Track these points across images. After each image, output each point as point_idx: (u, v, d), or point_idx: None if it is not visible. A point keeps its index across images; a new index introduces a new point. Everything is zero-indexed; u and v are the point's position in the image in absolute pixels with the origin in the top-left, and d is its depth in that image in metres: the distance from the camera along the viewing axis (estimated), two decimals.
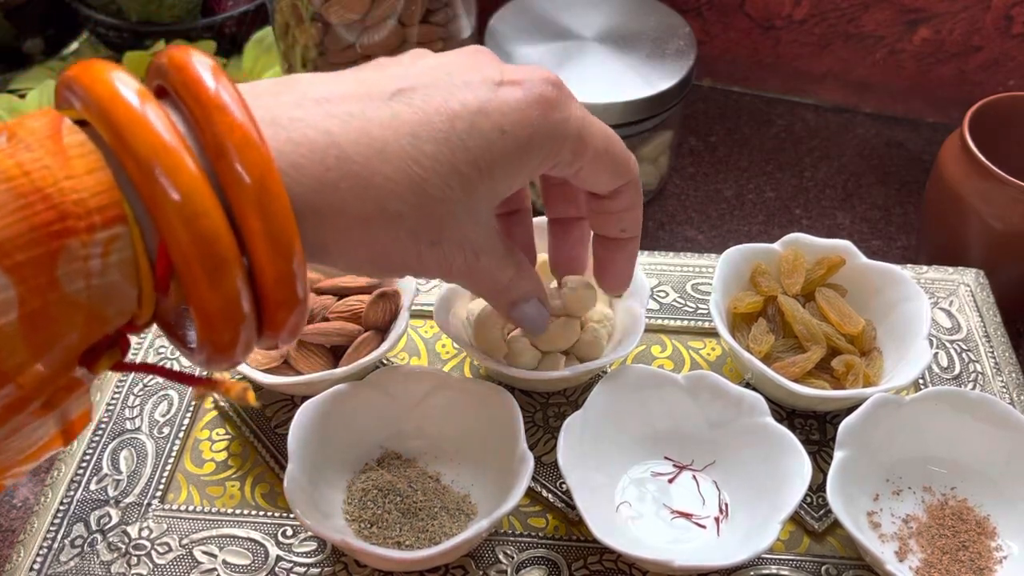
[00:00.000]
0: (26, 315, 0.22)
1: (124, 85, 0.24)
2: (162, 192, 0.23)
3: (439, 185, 0.30)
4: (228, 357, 0.26)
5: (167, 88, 0.26)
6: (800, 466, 0.38)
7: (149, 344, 0.48)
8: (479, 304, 0.45)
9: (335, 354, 0.44)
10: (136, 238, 0.24)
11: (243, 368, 0.42)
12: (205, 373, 0.46)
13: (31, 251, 0.22)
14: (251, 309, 0.25)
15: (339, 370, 0.42)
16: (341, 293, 0.46)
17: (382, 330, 0.45)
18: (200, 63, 0.25)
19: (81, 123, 0.25)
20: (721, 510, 0.41)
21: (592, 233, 0.40)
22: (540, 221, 0.48)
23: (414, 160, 0.29)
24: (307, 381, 0.42)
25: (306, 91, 0.29)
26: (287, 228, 0.25)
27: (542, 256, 0.47)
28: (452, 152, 0.30)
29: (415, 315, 0.49)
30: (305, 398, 0.41)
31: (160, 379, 0.46)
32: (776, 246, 0.47)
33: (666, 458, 0.42)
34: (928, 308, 0.44)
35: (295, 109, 0.28)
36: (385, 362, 0.47)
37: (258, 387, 0.46)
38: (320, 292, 0.46)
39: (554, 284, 0.45)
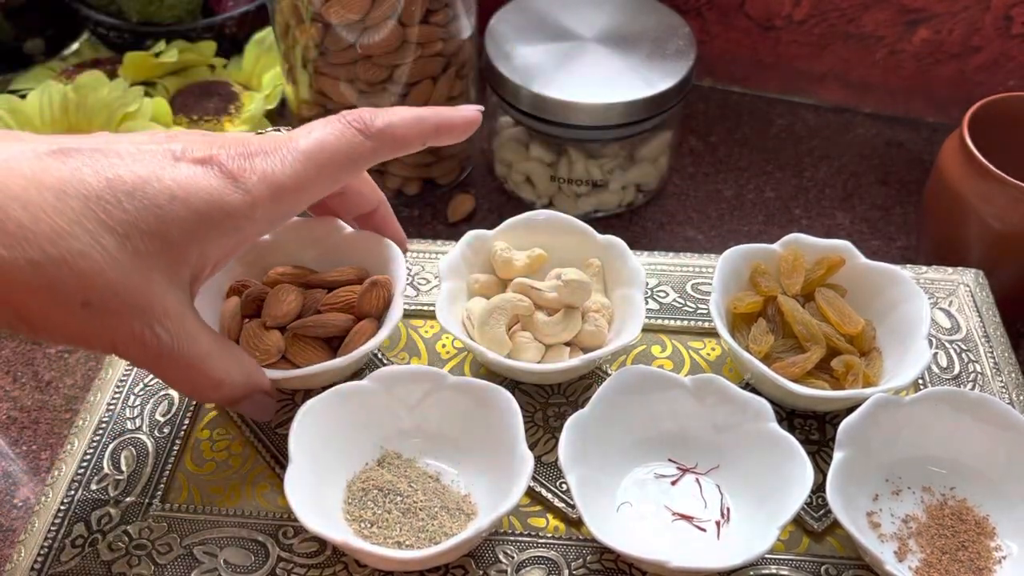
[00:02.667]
0: None
1: None
2: None
3: (86, 240, 0.28)
4: None
5: None
6: (802, 472, 0.38)
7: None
8: (477, 303, 0.45)
9: (331, 346, 0.45)
10: None
11: None
12: None
13: None
14: None
15: (338, 360, 0.42)
16: (330, 286, 0.46)
17: (376, 318, 0.45)
18: None
19: None
20: (723, 514, 0.41)
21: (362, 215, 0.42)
22: (561, 217, 0.48)
23: (57, 212, 0.27)
24: (309, 373, 0.42)
25: None
26: None
27: (537, 251, 0.47)
28: (104, 210, 0.28)
29: (415, 315, 0.49)
30: (306, 394, 0.41)
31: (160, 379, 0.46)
32: (776, 246, 0.47)
33: (670, 460, 0.42)
34: (928, 308, 0.44)
35: None
36: (381, 357, 0.47)
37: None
38: (309, 286, 0.46)
39: (555, 271, 0.45)
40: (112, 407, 0.45)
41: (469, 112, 0.40)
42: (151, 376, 0.46)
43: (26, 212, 0.27)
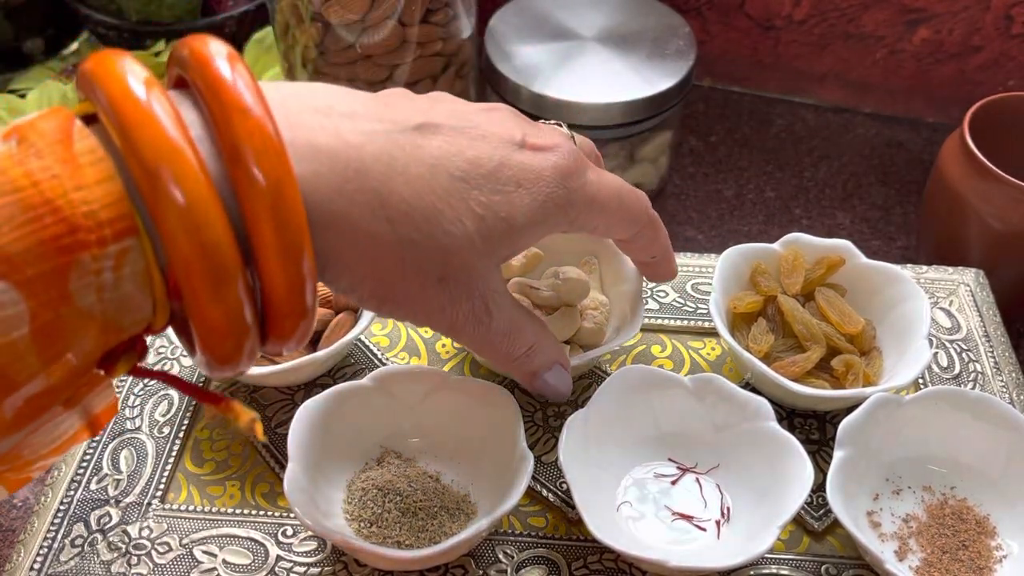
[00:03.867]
0: (38, 329, 0.22)
1: (135, 80, 0.23)
2: (165, 198, 0.23)
3: (452, 219, 0.29)
4: (230, 366, 0.25)
5: (187, 80, 0.25)
6: (802, 471, 0.38)
7: (149, 344, 0.48)
8: None
9: (311, 340, 0.45)
10: (147, 250, 0.23)
11: None
12: (216, 386, 0.46)
13: (41, 265, 0.22)
14: (254, 320, 0.25)
15: (321, 352, 0.42)
16: None
17: (354, 310, 0.45)
18: (220, 57, 0.24)
19: (94, 116, 0.24)
20: (723, 513, 0.40)
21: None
22: None
23: (431, 190, 0.29)
24: (292, 367, 0.42)
25: (332, 102, 0.28)
26: (300, 239, 0.24)
27: (532, 250, 0.47)
28: (468, 191, 0.29)
29: None
30: (306, 394, 0.41)
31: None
32: (776, 246, 0.47)
33: (670, 460, 0.42)
34: (928, 308, 0.44)
35: (320, 116, 0.27)
36: (381, 357, 0.47)
37: (250, 386, 0.46)
38: None
39: (551, 269, 0.45)
40: None
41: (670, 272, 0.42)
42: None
43: (408, 188, 0.28)
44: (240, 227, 0.24)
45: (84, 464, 0.43)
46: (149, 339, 0.48)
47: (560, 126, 0.38)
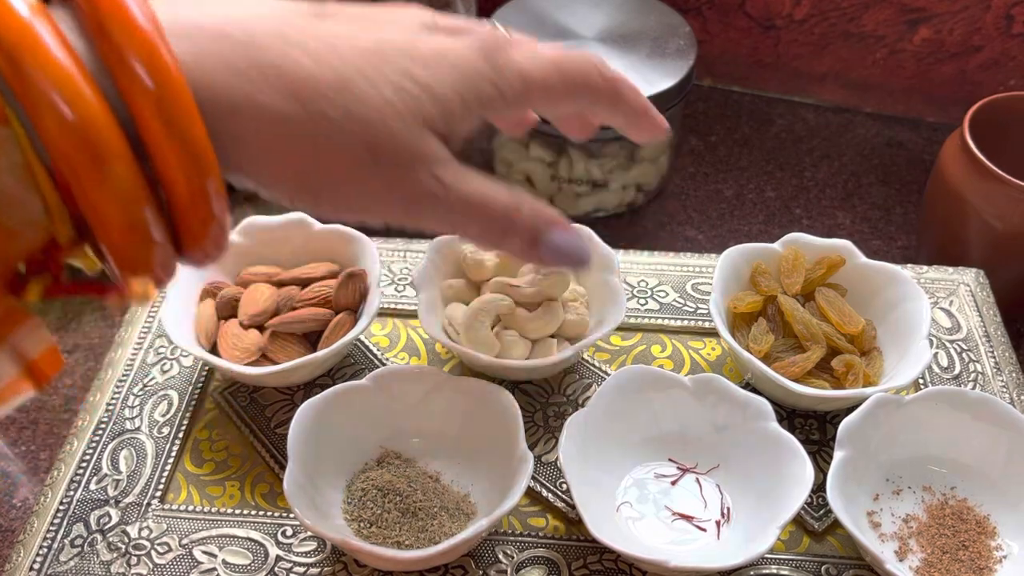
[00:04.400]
0: None
1: None
2: (28, 78, 0.21)
3: (366, 88, 0.26)
4: (145, 275, 0.23)
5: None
6: (802, 472, 0.38)
7: (149, 344, 0.48)
8: (457, 309, 0.45)
9: (310, 340, 0.45)
10: (22, 140, 0.21)
11: (225, 363, 0.42)
12: (216, 387, 0.46)
13: None
14: (157, 223, 0.23)
15: (320, 353, 0.42)
16: (304, 282, 0.46)
17: (354, 310, 0.45)
18: None
19: None
20: (723, 514, 0.40)
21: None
22: None
23: (338, 60, 0.26)
24: (291, 367, 0.42)
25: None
26: (194, 126, 0.22)
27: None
28: (382, 60, 0.26)
29: (415, 315, 0.49)
30: (306, 394, 0.41)
31: (159, 377, 0.46)
32: (776, 246, 0.47)
33: (670, 460, 0.42)
34: (928, 308, 0.44)
35: (205, 5, 0.25)
36: (381, 357, 0.47)
37: (249, 386, 0.46)
38: (281, 284, 0.46)
39: (526, 268, 0.45)
40: (111, 407, 0.45)
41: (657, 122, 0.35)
42: (151, 376, 0.46)
43: (310, 59, 0.25)
44: (130, 126, 0.22)
45: (84, 464, 0.42)
46: (148, 339, 0.48)
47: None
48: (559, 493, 0.42)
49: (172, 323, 0.44)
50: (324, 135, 0.26)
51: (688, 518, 0.40)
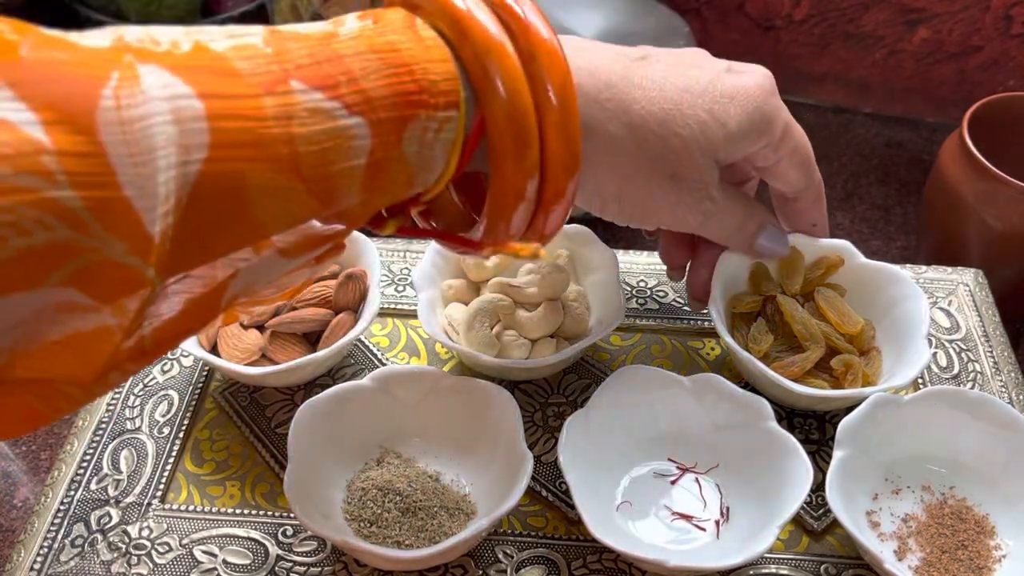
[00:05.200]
0: (372, 163, 0.27)
1: (482, 15, 0.29)
2: (492, 78, 0.28)
3: (682, 123, 0.35)
4: (503, 227, 0.31)
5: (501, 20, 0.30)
6: (801, 471, 0.38)
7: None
8: (457, 309, 0.45)
9: (310, 340, 0.45)
10: (461, 122, 0.29)
11: (226, 363, 0.43)
12: (216, 387, 0.46)
13: (392, 112, 0.27)
14: (533, 194, 0.30)
15: (320, 353, 0.43)
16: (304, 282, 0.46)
17: (354, 311, 0.45)
18: (534, 13, 0.30)
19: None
20: (722, 513, 0.41)
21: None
22: None
23: (662, 98, 0.35)
24: (292, 367, 0.42)
25: (571, 38, 0.34)
26: (575, 136, 0.30)
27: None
28: (693, 100, 0.35)
29: (414, 315, 0.49)
30: (306, 394, 0.41)
31: (159, 377, 0.46)
32: None
33: (670, 459, 0.42)
34: (927, 307, 0.44)
35: (569, 48, 0.32)
36: (381, 357, 0.47)
37: (249, 385, 0.46)
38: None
39: (527, 266, 0.45)
40: (112, 407, 0.45)
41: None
42: (150, 376, 0.46)
43: (645, 97, 0.35)
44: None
45: (84, 464, 0.43)
46: None
47: None
48: (559, 493, 0.42)
49: None
50: (645, 159, 0.35)
51: (687, 518, 0.40)
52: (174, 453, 0.43)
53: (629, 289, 0.51)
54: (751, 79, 0.37)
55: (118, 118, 0.22)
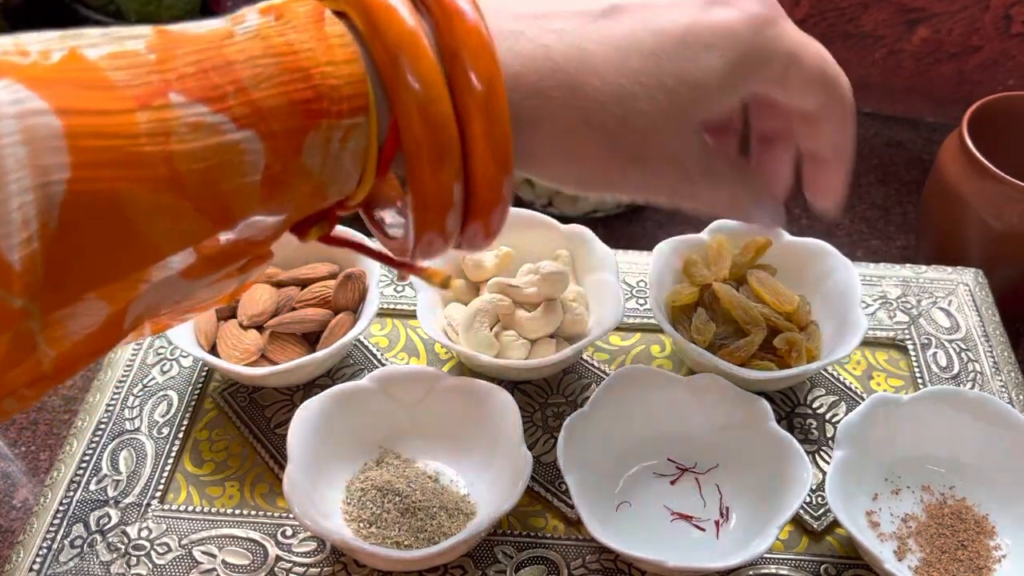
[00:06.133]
0: (268, 177, 0.25)
1: None
2: (403, 78, 0.25)
3: (643, 98, 0.30)
4: (433, 236, 0.28)
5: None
6: (801, 472, 0.38)
7: (148, 345, 0.48)
8: (456, 309, 0.45)
9: (309, 341, 0.45)
10: (372, 129, 0.26)
11: (225, 364, 0.42)
12: (215, 387, 0.46)
13: (287, 122, 0.24)
14: (460, 199, 0.27)
15: (320, 353, 0.42)
16: (303, 283, 0.46)
17: (353, 311, 0.45)
18: None
19: (338, 14, 0.27)
20: (722, 513, 0.40)
21: (800, 152, 0.39)
22: (522, 213, 0.49)
23: (620, 73, 0.30)
24: (291, 368, 0.42)
25: (520, 6, 0.30)
26: (505, 135, 0.27)
27: (504, 250, 0.47)
28: (658, 67, 0.30)
29: (413, 315, 0.49)
30: (305, 395, 0.41)
31: (158, 378, 0.46)
32: (703, 235, 0.47)
33: (669, 460, 0.42)
34: (856, 276, 0.45)
35: (514, 22, 0.29)
36: (380, 357, 0.47)
37: (248, 386, 0.46)
38: (281, 284, 0.46)
39: (527, 266, 0.46)
40: (111, 408, 0.45)
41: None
42: (150, 376, 0.46)
43: (599, 77, 0.29)
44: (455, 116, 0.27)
45: (83, 465, 0.43)
46: (148, 340, 0.48)
47: None
48: (558, 493, 0.42)
49: None
50: (604, 144, 0.30)
51: (687, 518, 0.40)
52: (173, 453, 0.43)
53: (628, 289, 0.51)
54: (737, 11, 0.31)
55: None
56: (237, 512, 0.41)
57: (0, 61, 0.22)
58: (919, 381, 0.47)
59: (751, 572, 0.39)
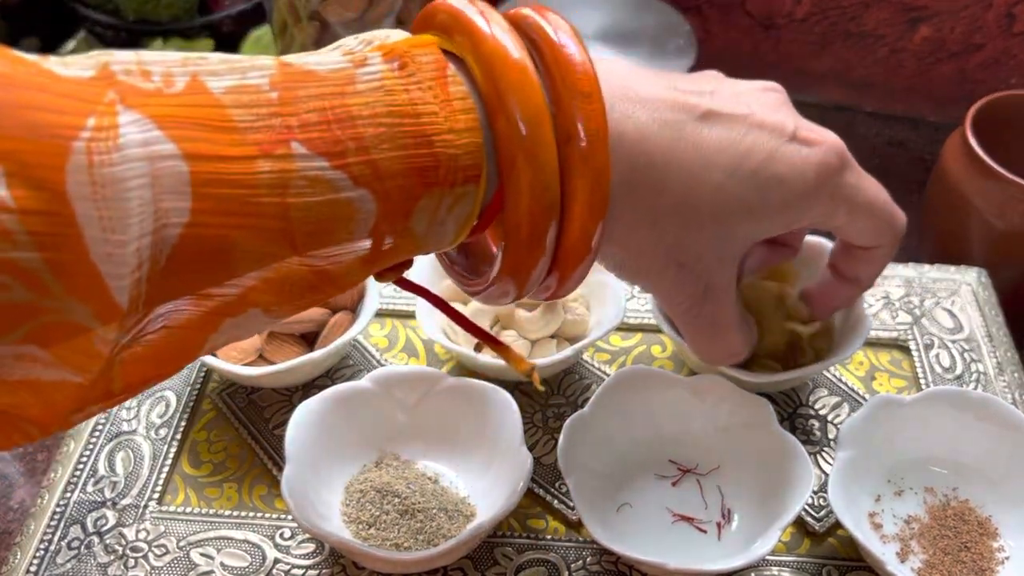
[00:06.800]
0: (373, 248, 0.25)
1: (510, 44, 0.26)
2: (522, 162, 0.25)
3: (707, 213, 0.31)
4: (518, 283, 0.28)
5: (530, 48, 0.27)
6: (803, 473, 0.38)
7: None
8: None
9: (308, 341, 0.45)
10: (479, 196, 0.26)
11: (223, 364, 0.42)
12: (214, 387, 0.46)
13: (403, 186, 0.24)
14: (551, 247, 0.28)
15: (318, 353, 0.42)
16: None
17: (352, 310, 0.45)
18: (568, 36, 0.27)
19: (451, 54, 0.26)
20: (723, 515, 0.40)
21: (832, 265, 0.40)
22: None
23: (701, 184, 0.30)
24: (289, 368, 0.42)
25: (628, 84, 0.30)
26: (604, 197, 0.27)
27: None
28: (732, 188, 0.31)
29: (412, 315, 0.49)
30: (304, 395, 0.41)
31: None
32: None
33: (670, 461, 0.42)
34: None
35: (622, 102, 0.29)
36: (380, 357, 0.47)
37: (247, 386, 0.46)
38: None
39: None
40: (108, 409, 0.45)
41: None
42: None
43: (682, 185, 0.30)
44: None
45: (80, 466, 0.42)
46: None
47: None
48: (559, 494, 0.41)
49: None
50: (663, 246, 0.31)
51: (689, 519, 0.40)
52: (171, 455, 0.43)
53: (629, 289, 0.51)
54: (813, 156, 0.32)
55: (89, 178, 0.20)
56: (235, 513, 0.41)
57: (124, 84, 0.21)
58: (922, 382, 0.46)
59: (753, 574, 0.39)
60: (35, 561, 0.39)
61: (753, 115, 0.32)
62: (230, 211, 0.22)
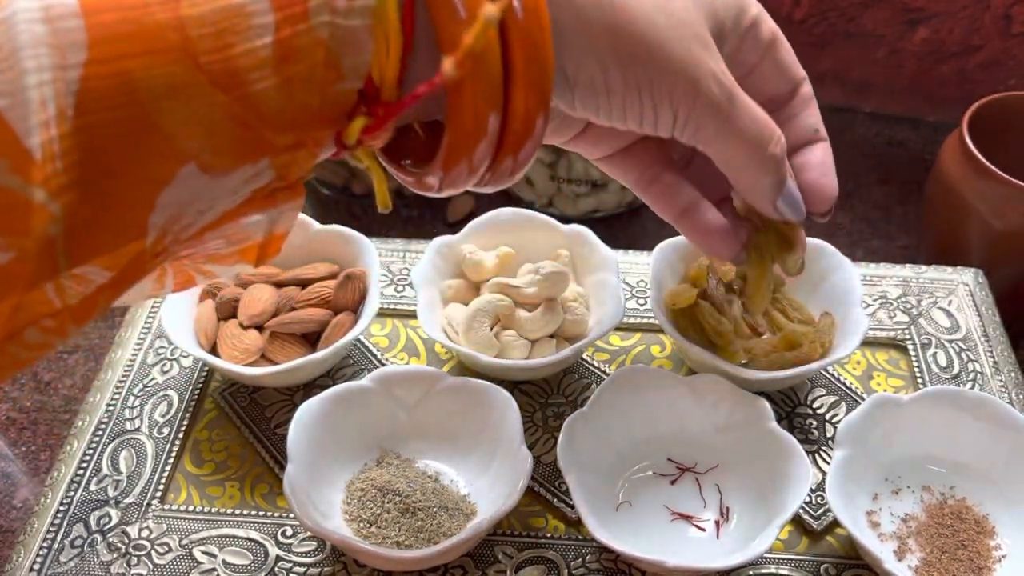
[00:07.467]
0: (279, 41, 0.23)
1: None
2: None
3: (679, 9, 0.30)
4: (463, 172, 0.27)
5: None
6: (801, 471, 0.38)
7: (149, 344, 0.48)
8: (456, 309, 0.45)
9: (309, 341, 0.45)
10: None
11: (225, 364, 0.42)
12: (215, 387, 0.46)
13: None
14: (495, 131, 0.26)
15: (320, 353, 0.42)
16: (304, 283, 0.46)
17: (353, 311, 0.45)
18: None
19: None
20: (722, 513, 0.40)
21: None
22: (522, 213, 0.48)
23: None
24: (291, 368, 0.42)
25: None
26: (546, 66, 0.26)
27: (504, 250, 0.47)
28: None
29: (413, 315, 0.49)
30: (305, 395, 0.41)
31: (159, 378, 0.46)
32: None
33: (669, 460, 0.42)
34: (856, 275, 0.45)
35: None
36: (380, 357, 0.47)
37: (249, 386, 0.46)
38: (281, 284, 0.46)
39: (527, 266, 0.45)
40: (111, 408, 0.45)
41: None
42: (150, 377, 0.46)
43: (642, 21, 0.29)
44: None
45: (84, 465, 0.43)
46: (148, 340, 0.48)
47: None
48: (558, 493, 0.42)
49: (172, 324, 0.44)
50: (638, 47, 0.29)
51: (687, 518, 0.40)
52: (173, 454, 0.43)
53: (629, 289, 0.51)
54: None
55: None
56: (237, 512, 0.41)
57: None
58: (919, 381, 0.47)
59: (751, 572, 0.39)
60: (38, 559, 0.39)
61: None
62: (127, 35, 0.22)
